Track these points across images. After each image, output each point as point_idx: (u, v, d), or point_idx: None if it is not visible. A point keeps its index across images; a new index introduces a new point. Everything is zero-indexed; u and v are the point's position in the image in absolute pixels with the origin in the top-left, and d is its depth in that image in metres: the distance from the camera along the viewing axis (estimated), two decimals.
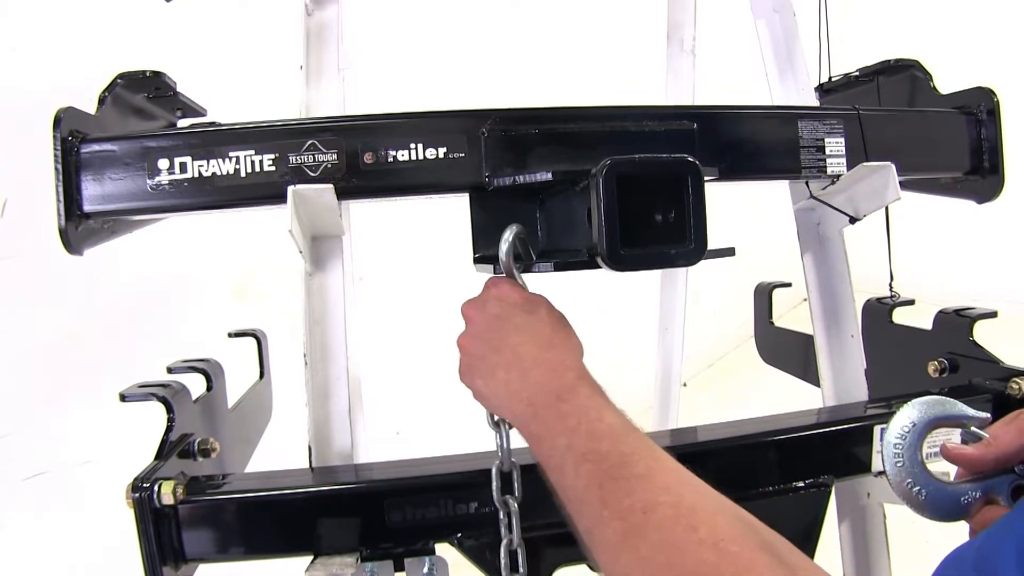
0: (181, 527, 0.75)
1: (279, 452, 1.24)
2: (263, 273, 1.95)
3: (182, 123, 1.18)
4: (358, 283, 1.63)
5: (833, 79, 1.11)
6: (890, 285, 1.15)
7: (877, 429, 0.86)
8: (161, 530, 0.74)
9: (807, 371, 1.31)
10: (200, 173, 0.81)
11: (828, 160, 0.90)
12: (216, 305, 1.87)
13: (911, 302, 1.12)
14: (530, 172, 0.81)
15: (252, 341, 1.31)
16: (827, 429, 0.86)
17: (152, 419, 0.94)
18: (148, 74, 0.95)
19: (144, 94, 0.99)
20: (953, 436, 0.68)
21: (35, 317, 1.55)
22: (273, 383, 1.35)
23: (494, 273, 0.82)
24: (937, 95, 1.00)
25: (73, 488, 1.53)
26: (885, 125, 0.92)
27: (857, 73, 1.09)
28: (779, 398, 1.59)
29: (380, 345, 2.33)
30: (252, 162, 0.82)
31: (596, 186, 0.71)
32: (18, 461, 1.52)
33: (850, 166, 0.90)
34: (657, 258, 0.72)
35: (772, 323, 1.43)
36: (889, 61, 1.04)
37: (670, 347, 1.49)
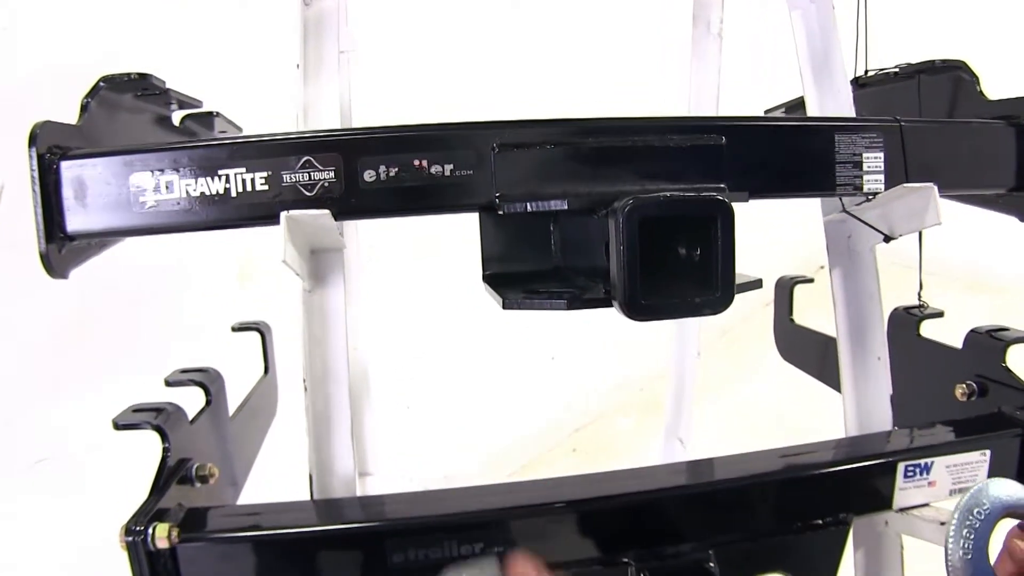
0: (177, 567, 0.73)
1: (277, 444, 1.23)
2: (268, 255, 1.91)
3: (177, 116, 1.13)
4: (368, 257, 1.60)
5: (869, 73, 1.04)
6: (919, 294, 1.09)
7: (901, 466, 0.82)
8: (157, 571, 0.72)
9: (824, 373, 1.27)
10: (188, 192, 0.76)
11: (865, 177, 0.84)
12: (221, 288, 1.83)
13: (940, 314, 1.07)
14: (544, 199, 0.76)
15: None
16: (848, 466, 0.83)
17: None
18: (133, 76, 0.88)
19: (132, 93, 0.92)
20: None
21: (39, 304, 1.52)
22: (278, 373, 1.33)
23: (503, 308, 0.78)
24: (983, 100, 0.93)
25: (81, 473, 1.53)
26: (928, 138, 0.85)
27: (897, 70, 1.01)
28: (788, 367, 1.54)
29: (391, 321, 2.31)
30: (243, 180, 0.76)
31: (616, 228, 0.65)
32: (26, 447, 1.51)
33: (888, 182, 0.84)
34: (680, 308, 0.68)
35: (792, 320, 1.38)
36: (934, 61, 0.96)
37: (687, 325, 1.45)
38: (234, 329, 1.29)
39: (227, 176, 0.76)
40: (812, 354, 1.33)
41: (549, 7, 2.67)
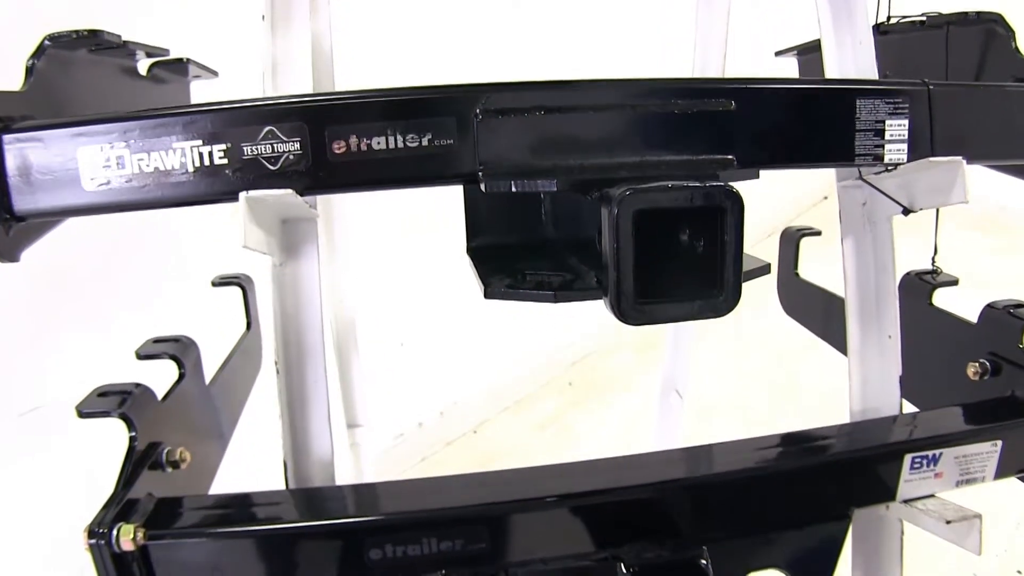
0: (145, 566, 0.70)
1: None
2: None
3: (145, 64, 1.05)
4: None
5: (892, 20, 0.94)
6: (933, 259, 1.03)
7: (907, 458, 0.78)
8: (124, 573, 0.69)
9: (828, 332, 1.23)
10: (140, 168, 0.69)
11: (887, 146, 0.76)
12: (211, 223, 1.76)
13: (955, 281, 1.00)
14: (531, 177, 0.69)
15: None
16: (850, 457, 0.78)
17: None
18: (83, 33, 0.80)
19: (85, 49, 0.84)
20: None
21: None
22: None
23: (484, 297, 0.72)
24: (1018, 58, 0.84)
25: (72, 419, 1.50)
26: (958, 104, 0.77)
27: (924, 19, 0.91)
28: None
29: (383, 260, 2.25)
30: (199, 154, 0.69)
31: (610, 220, 0.59)
32: (13, 397, 1.48)
33: (912, 152, 0.76)
34: (678, 312, 0.61)
35: (797, 274, 1.32)
36: (967, 13, 0.87)
37: None
38: (214, 284, 1.25)
39: (182, 150, 0.69)
40: (816, 312, 1.28)
41: (550, 7, 2.63)
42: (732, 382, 3.03)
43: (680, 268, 0.62)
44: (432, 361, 2.68)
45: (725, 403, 2.91)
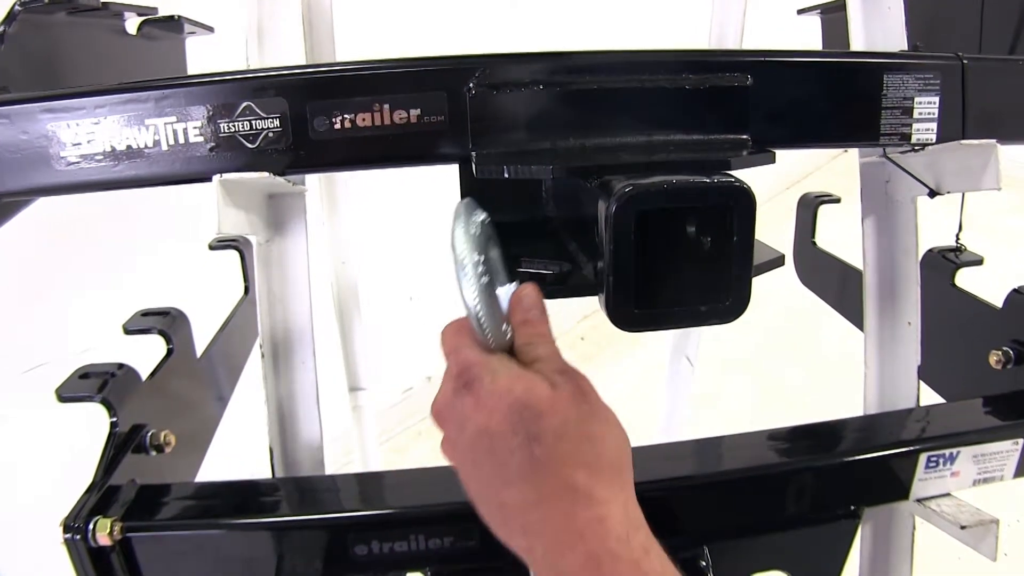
0: (125, 558, 0.68)
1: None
2: None
3: (133, 23, 0.99)
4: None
5: None
6: (957, 236, 0.97)
7: (923, 456, 0.74)
8: (101, 568, 0.67)
9: (842, 304, 1.18)
10: (112, 147, 0.65)
11: (915, 125, 0.70)
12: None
13: (979, 261, 0.95)
14: (526, 162, 0.64)
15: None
16: (863, 455, 0.74)
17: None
18: None
19: (63, 12, 0.79)
20: None
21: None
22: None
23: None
24: None
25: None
26: (994, 80, 0.70)
27: None
28: None
29: (393, 213, 2.21)
30: (174, 131, 0.64)
31: (607, 217, 0.54)
32: (16, 354, 1.47)
33: (941, 132, 0.70)
34: (680, 318, 0.57)
35: (814, 243, 1.26)
36: None
37: None
38: (211, 247, 1.21)
39: (155, 127, 0.64)
40: (832, 283, 1.23)
41: (548, 8, 2.57)
42: (748, 338, 2.99)
43: (683, 267, 0.57)
44: (442, 315, 2.65)
45: (739, 360, 2.88)
